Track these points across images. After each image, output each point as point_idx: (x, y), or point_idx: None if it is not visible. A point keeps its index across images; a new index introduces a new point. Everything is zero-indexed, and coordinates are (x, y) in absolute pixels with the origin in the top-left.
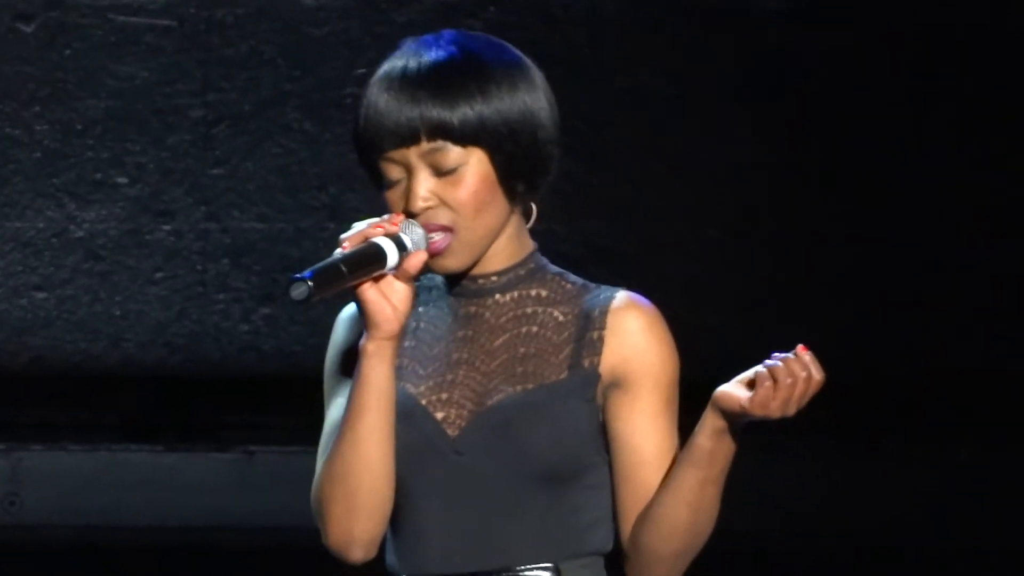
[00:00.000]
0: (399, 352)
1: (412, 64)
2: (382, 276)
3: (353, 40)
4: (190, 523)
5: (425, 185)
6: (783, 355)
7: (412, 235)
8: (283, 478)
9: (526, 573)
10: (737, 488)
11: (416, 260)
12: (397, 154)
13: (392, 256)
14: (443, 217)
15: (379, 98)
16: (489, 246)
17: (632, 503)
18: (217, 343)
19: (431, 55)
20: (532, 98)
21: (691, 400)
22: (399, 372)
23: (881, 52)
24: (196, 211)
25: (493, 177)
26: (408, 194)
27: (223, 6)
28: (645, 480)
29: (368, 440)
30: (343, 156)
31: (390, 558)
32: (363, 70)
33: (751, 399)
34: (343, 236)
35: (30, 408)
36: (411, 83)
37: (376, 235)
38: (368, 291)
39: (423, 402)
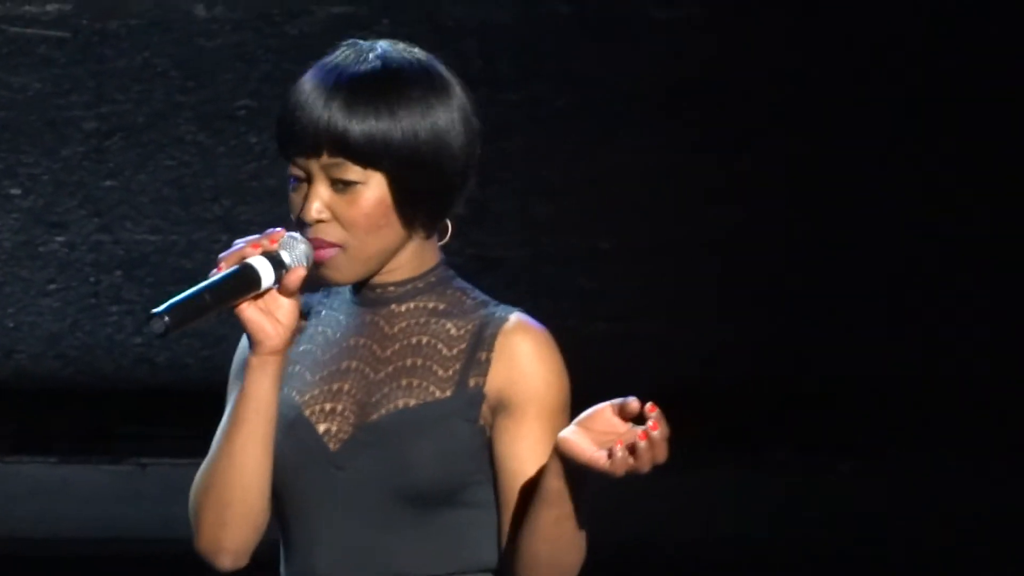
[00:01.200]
0: (290, 357)
1: (332, 75)
2: (262, 294)
3: (247, 52)
4: (83, 534)
5: (321, 198)
6: (636, 428)
7: (293, 250)
8: (175, 489)
9: None
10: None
11: (295, 276)
12: (301, 160)
13: (267, 277)
14: (333, 234)
15: (295, 100)
16: (381, 264)
17: (505, 509)
18: (110, 355)
19: (353, 68)
20: (447, 124)
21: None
22: (288, 377)
23: (773, 49)
24: (89, 223)
25: (389, 202)
26: (304, 202)
27: (116, 18)
28: (515, 487)
29: (243, 452)
30: (236, 168)
31: (282, 565)
32: (256, 82)
33: (606, 463)
34: (221, 256)
35: None
36: (325, 94)
37: (252, 255)
38: (246, 311)
39: (307, 412)
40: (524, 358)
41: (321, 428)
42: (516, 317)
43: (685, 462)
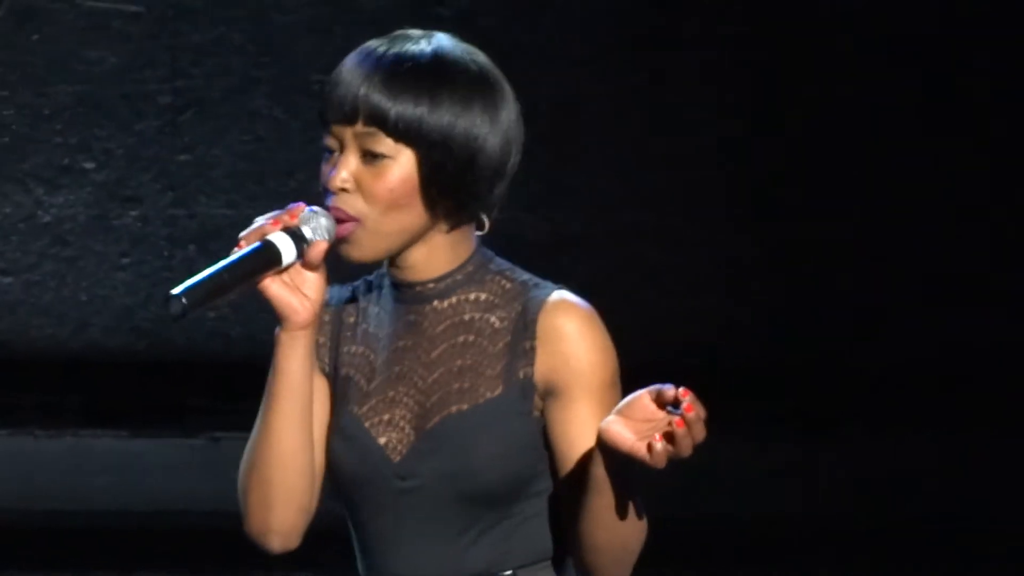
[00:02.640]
0: (343, 360)
1: (382, 49)
2: (285, 270)
3: (321, 27)
4: (155, 508)
5: (348, 167)
6: (673, 412)
7: (313, 225)
8: None
9: None
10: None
11: (317, 250)
12: (337, 128)
13: (288, 253)
14: (354, 206)
15: (340, 70)
16: (401, 245)
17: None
18: (183, 329)
19: (405, 47)
20: (485, 123)
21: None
22: (344, 384)
23: (839, 41)
24: (163, 197)
25: (415, 181)
26: (334, 170)
27: None
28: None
29: (281, 431)
30: (311, 143)
31: (360, 567)
32: (331, 56)
33: (646, 455)
34: (241, 234)
35: None
36: (371, 65)
37: (272, 231)
38: (271, 286)
39: (366, 424)
40: (565, 339)
41: (382, 440)
42: (555, 298)
43: (753, 439)
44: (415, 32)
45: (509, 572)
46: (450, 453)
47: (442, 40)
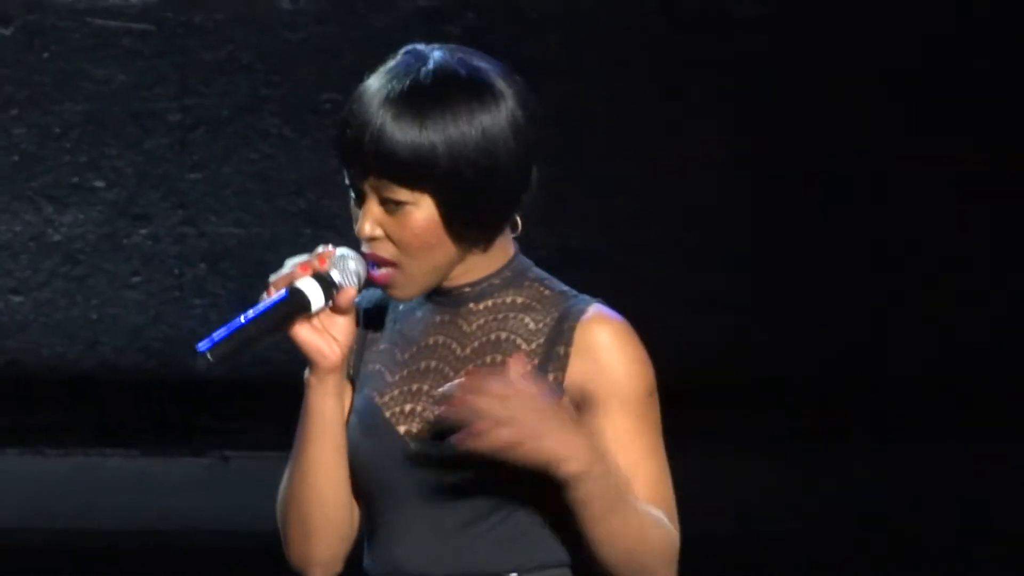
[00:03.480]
0: (369, 357)
1: (382, 92)
2: (314, 316)
3: (331, 45)
4: (165, 527)
5: (373, 216)
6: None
7: (343, 269)
8: (258, 483)
9: None
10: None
11: (346, 297)
12: (355, 180)
13: (316, 300)
14: (387, 251)
15: (348, 118)
16: (442, 277)
17: None
18: (193, 348)
19: (401, 84)
20: (494, 136)
21: (665, 403)
22: (367, 377)
23: (857, 55)
24: (173, 215)
25: (439, 222)
26: (361, 219)
27: (201, 11)
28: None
29: (315, 472)
30: (320, 161)
31: (366, 560)
32: (340, 75)
33: (470, 445)
34: (272, 278)
35: (5, 411)
36: (372, 114)
37: (301, 277)
38: (300, 332)
39: (387, 414)
40: (603, 351)
41: (402, 429)
42: (594, 309)
43: (768, 450)
44: (415, 56)
45: (514, 574)
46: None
47: (440, 64)
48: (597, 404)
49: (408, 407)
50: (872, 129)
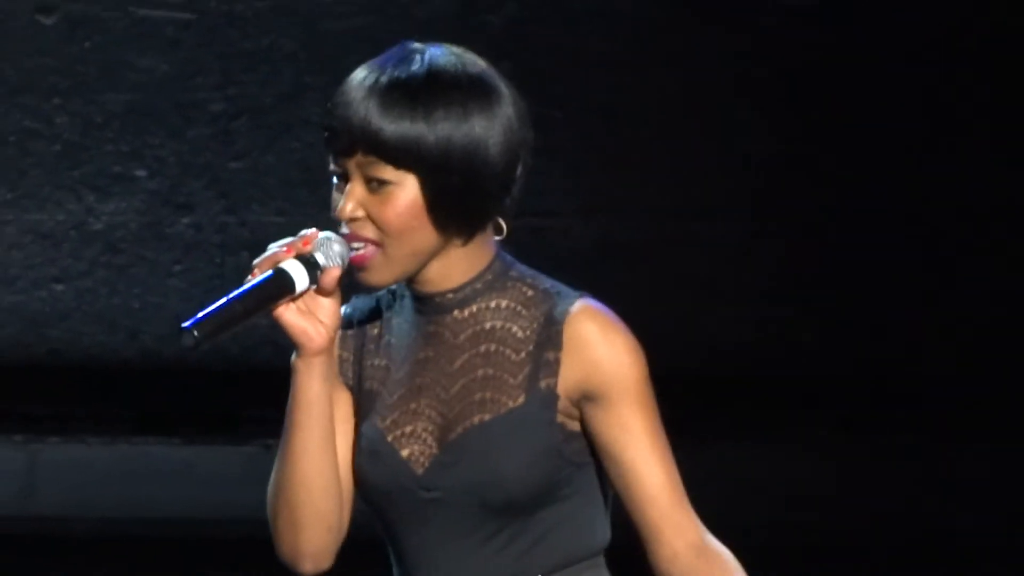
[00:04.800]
0: (366, 374)
1: (373, 75)
2: (299, 297)
3: (372, 35)
4: (207, 516)
5: (355, 197)
6: None
7: (327, 251)
8: None
9: None
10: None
11: (330, 277)
12: (339, 158)
13: (301, 280)
14: (370, 231)
15: (337, 100)
16: (418, 266)
17: (634, 510)
18: (235, 337)
19: (397, 71)
20: (484, 132)
21: (701, 392)
22: (367, 397)
23: (890, 48)
24: (215, 204)
25: (422, 204)
26: (342, 199)
27: (243, 1)
28: (641, 487)
29: (303, 457)
30: None
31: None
32: None
33: None
34: (255, 261)
35: (47, 400)
36: (363, 93)
37: (285, 259)
38: (285, 314)
39: (389, 438)
40: (593, 347)
41: (405, 453)
42: (577, 307)
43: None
44: (409, 48)
45: None
46: (473, 464)
47: (435, 55)
48: (598, 399)
49: (408, 428)
50: (905, 122)
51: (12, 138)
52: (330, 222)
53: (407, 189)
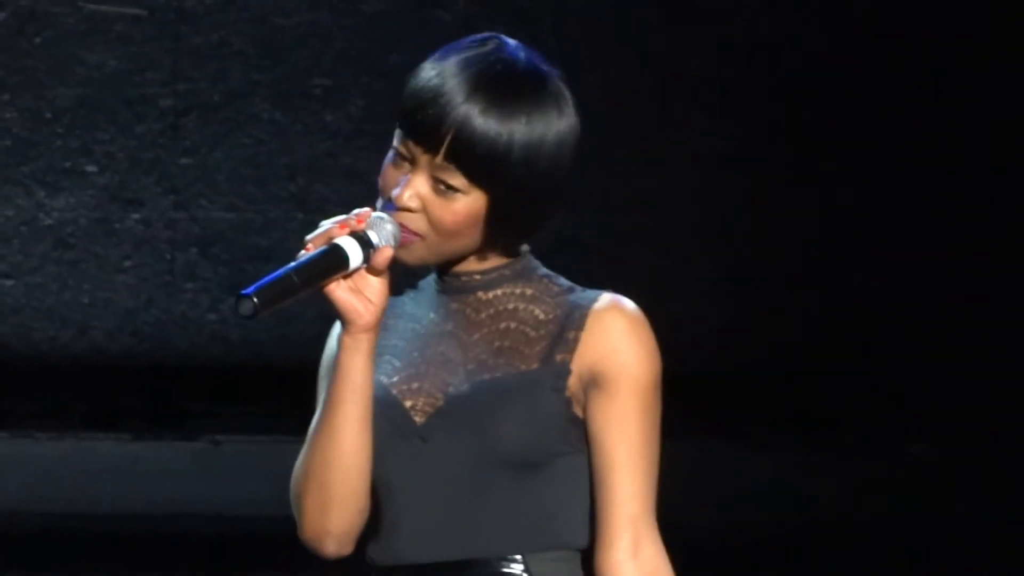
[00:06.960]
0: (383, 349)
1: (473, 78)
2: (350, 274)
3: (322, 31)
4: (156, 511)
5: (418, 189)
6: None
7: (380, 230)
8: (249, 467)
9: (496, 565)
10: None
11: (383, 256)
12: (414, 146)
13: (355, 257)
14: (417, 224)
15: (433, 86)
16: (453, 261)
17: (600, 505)
18: (184, 332)
19: (495, 79)
20: (559, 164)
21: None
22: (376, 365)
23: (854, 44)
24: (165, 200)
25: (482, 217)
26: (401, 186)
27: None
28: (614, 483)
29: (342, 432)
30: (312, 146)
31: (368, 547)
32: (332, 60)
33: None
34: (308, 237)
35: None
36: (462, 95)
37: (340, 235)
38: (336, 291)
39: (393, 391)
40: (616, 333)
41: (408, 403)
42: (608, 297)
43: (753, 443)
44: (502, 48)
45: (519, 556)
46: (473, 415)
47: (528, 62)
48: (606, 383)
49: (415, 384)
50: (876, 120)
51: None
52: (282, 219)
53: (473, 200)
